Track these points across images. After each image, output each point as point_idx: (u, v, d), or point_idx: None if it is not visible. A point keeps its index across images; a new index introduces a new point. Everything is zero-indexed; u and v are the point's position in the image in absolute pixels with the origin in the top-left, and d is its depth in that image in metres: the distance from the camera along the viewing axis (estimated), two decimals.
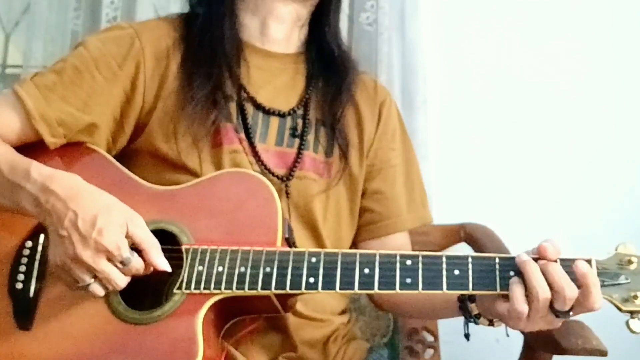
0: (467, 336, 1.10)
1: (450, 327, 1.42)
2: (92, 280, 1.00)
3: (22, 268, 1.09)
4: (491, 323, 1.07)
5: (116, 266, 1.00)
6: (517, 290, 0.96)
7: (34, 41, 2.02)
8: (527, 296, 0.96)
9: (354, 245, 1.34)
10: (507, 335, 1.09)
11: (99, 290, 1.01)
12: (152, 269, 1.03)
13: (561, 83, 1.92)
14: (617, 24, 1.93)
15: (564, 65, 1.92)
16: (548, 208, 1.86)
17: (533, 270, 0.95)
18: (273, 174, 1.21)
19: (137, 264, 1.01)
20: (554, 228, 1.04)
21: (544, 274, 0.95)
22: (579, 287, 0.94)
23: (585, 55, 1.93)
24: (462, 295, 1.08)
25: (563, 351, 1.15)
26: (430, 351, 1.63)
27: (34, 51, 2.01)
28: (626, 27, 1.93)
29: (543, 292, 0.94)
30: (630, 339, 1.54)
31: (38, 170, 1.04)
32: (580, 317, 1.13)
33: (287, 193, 1.22)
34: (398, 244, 1.32)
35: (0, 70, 2.23)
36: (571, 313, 0.96)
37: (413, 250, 1.26)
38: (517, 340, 1.32)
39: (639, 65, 1.93)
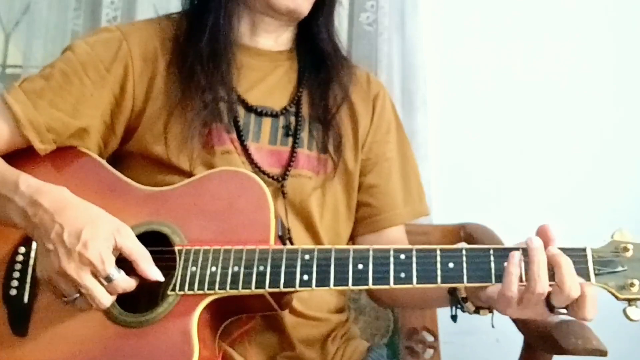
0: (453, 317, 1.09)
1: (450, 327, 1.41)
2: (77, 295, 0.99)
3: (16, 274, 1.09)
4: (477, 311, 1.06)
5: (101, 282, 0.99)
6: (511, 274, 0.95)
7: (34, 41, 2.02)
8: (523, 283, 0.95)
9: (352, 239, 1.34)
10: (493, 326, 1.07)
11: (84, 306, 1.01)
12: (134, 285, 1.02)
13: (561, 83, 1.92)
14: (617, 24, 1.93)
15: (564, 65, 1.93)
16: (548, 208, 1.86)
17: (541, 263, 0.94)
18: (267, 174, 1.21)
19: (122, 283, 1.00)
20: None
21: (553, 265, 0.94)
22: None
23: (584, 55, 1.93)
24: None
25: (563, 351, 1.15)
26: (430, 351, 1.62)
27: (34, 51, 2.01)
28: (626, 26, 1.93)
29: (542, 287, 0.93)
30: (630, 339, 1.55)
31: (26, 182, 1.04)
32: None
33: (283, 193, 1.22)
34: (395, 237, 1.32)
35: (0, 70, 2.23)
36: (564, 311, 0.96)
37: None
38: (517, 340, 1.31)
39: (638, 65, 1.92)
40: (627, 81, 1.92)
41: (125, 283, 1.00)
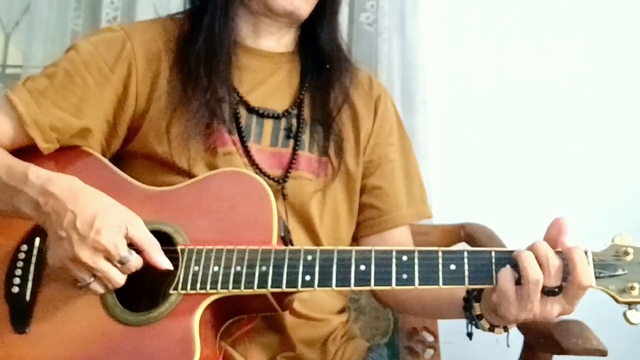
0: (469, 335, 1.09)
1: (450, 327, 1.41)
2: (92, 279, 1.00)
3: (18, 272, 1.09)
4: (492, 328, 1.07)
5: (115, 265, 1.00)
6: (504, 271, 0.97)
7: (34, 41, 2.02)
8: (520, 284, 0.96)
9: (355, 241, 1.34)
10: (508, 345, 1.09)
11: (99, 289, 1.02)
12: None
13: (561, 83, 1.93)
14: (617, 24, 1.94)
15: (564, 65, 1.93)
16: (548, 208, 1.85)
17: (525, 255, 0.96)
18: (268, 176, 1.21)
19: (135, 262, 1.02)
20: None
21: (567, 258, 0.95)
22: (566, 265, 0.95)
23: (585, 55, 1.94)
24: (468, 295, 1.08)
25: (563, 351, 1.15)
26: (430, 351, 1.63)
27: (34, 51, 2.02)
28: (626, 26, 1.94)
29: (533, 272, 0.94)
30: (630, 339, 1.55)
31: (36, 173, 1.05)
32: (580, 317, 1.13)
33: (283, 194, 1.22)
34: (399, 238, 1.32)
35: (0, 70, 2.23)
36: (557, 290, 0.96)
37: None
38: (517, 340, 1.31)
39: (638, 66, 1.92)
40: (627, 81, 1.92)
41: (138, 262, 1.02)
